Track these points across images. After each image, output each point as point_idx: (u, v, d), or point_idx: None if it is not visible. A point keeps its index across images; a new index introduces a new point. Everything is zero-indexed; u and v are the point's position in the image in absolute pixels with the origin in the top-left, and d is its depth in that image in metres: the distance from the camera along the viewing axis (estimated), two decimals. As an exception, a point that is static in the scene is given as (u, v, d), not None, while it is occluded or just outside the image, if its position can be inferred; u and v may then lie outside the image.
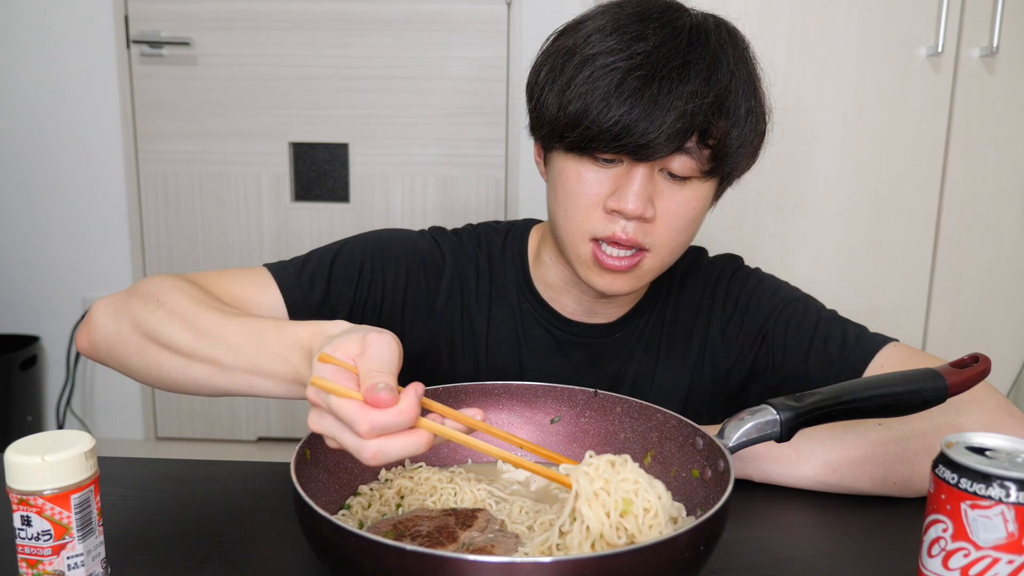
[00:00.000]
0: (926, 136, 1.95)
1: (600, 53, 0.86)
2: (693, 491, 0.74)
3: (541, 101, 0.90)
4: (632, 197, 0.86)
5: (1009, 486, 0.56)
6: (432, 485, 0.77)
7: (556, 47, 0.91)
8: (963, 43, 1.90)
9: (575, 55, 0.87)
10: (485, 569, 0.54)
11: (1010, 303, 2.06)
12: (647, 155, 0.84)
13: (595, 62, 0.85)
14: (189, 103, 2.49)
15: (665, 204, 0.89)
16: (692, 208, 0.90)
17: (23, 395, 2.57)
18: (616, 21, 0.87)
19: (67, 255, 2.60)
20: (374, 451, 0.58)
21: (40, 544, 0.61)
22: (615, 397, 0.83)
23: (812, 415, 0.71)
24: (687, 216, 0.91)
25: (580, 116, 0.85)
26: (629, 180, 0.87)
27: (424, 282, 1.01)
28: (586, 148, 0.87)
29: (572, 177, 0.90)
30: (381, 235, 1.04)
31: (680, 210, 0.90)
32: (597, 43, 0.87)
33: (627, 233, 0.88)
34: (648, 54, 0.84)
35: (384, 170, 2.54)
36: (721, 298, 1.03)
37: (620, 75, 0.83)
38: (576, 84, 0.86)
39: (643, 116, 0.83)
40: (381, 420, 0.58)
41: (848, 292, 2.00)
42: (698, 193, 0.90)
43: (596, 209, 0.89)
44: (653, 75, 0.83)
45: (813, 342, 0.96)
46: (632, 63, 0.84)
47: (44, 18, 2.46)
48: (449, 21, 2.44)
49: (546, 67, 0.90)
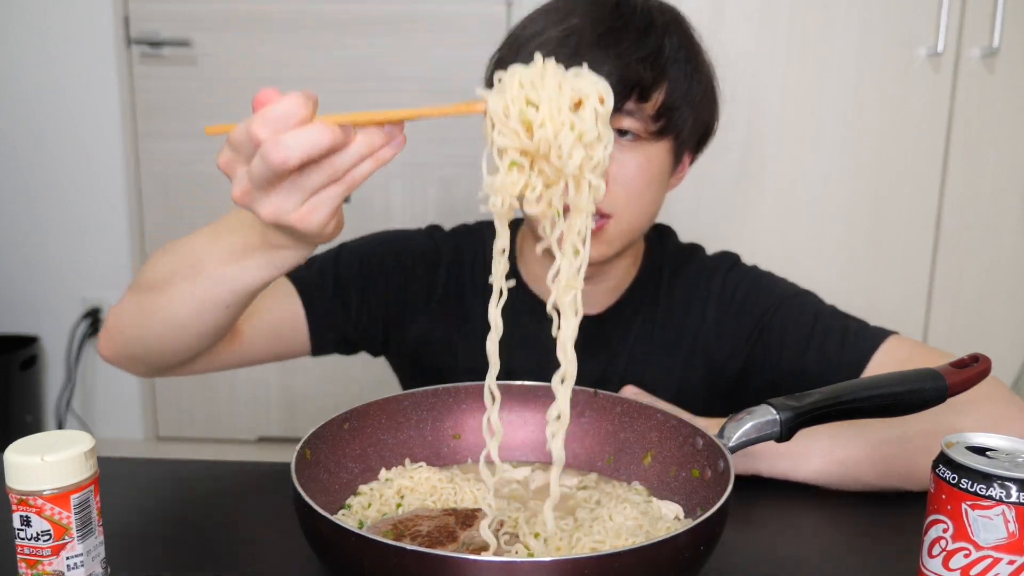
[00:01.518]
0: (926, 136, 1.95)
1: (533, 35, 0.91)
2: (693, 491, 0.74)
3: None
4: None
5: (1010, 486, 0.56)
6: (432, 485, 0.77)
7: (502, 46, 0.98)
8: (963, 43, 1.90)
9: (515, 42, 0.94)
10: (485, 569, 0.54)
11: (1010, 303, 2.06)
12: None
13: (529, 45, 0.90)
14: (189, 103, 2.49)
15: (617, 167, 0.90)
16: (646, 170, 0.92)
17: (23, 395, 2.57)
18: (548, 5, 0.94)
19: (67, 255, 2.60)
20: (275, 146, 0.57)
21: (40, 544, 0.61)
22: (615, 397, 0.83)
23: (812, 415, 0.71)
24: (643, 178, 0.92)
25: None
26: None
27: (422, 276, 1.05)
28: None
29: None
30: (377, 235, 1.09)
31: (634, 172, 0.91)
32: (531, 26, 0.93)
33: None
34: (575, 28, 0.89)
35: (384, 170, 2.52)
36: (717, 292, 1.02)
37: (550, 48, 0.87)
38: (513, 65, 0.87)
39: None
40: (270, 112, 0.57)
41: (848, 292, 1.99)
42: (650, 154, 0.92)
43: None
44: (581, 43, 0.88)
45: (812, 338, 0.95)
46: (560, 35, 0.88)
47: (44, 18, 2.46)
48: (449, 21, 2.44)
49: (494, 59, 0.98)
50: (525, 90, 0.58)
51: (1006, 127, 1.96)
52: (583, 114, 0.58)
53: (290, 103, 0.58)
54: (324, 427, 0.75)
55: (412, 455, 0.82)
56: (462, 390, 0.85)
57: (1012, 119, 1.95)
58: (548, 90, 0.58)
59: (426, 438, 0.84)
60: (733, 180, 1.99)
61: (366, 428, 0.80)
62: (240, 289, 0.75)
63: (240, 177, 0.62)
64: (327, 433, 0.75)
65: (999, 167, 1.98)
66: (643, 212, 0.95)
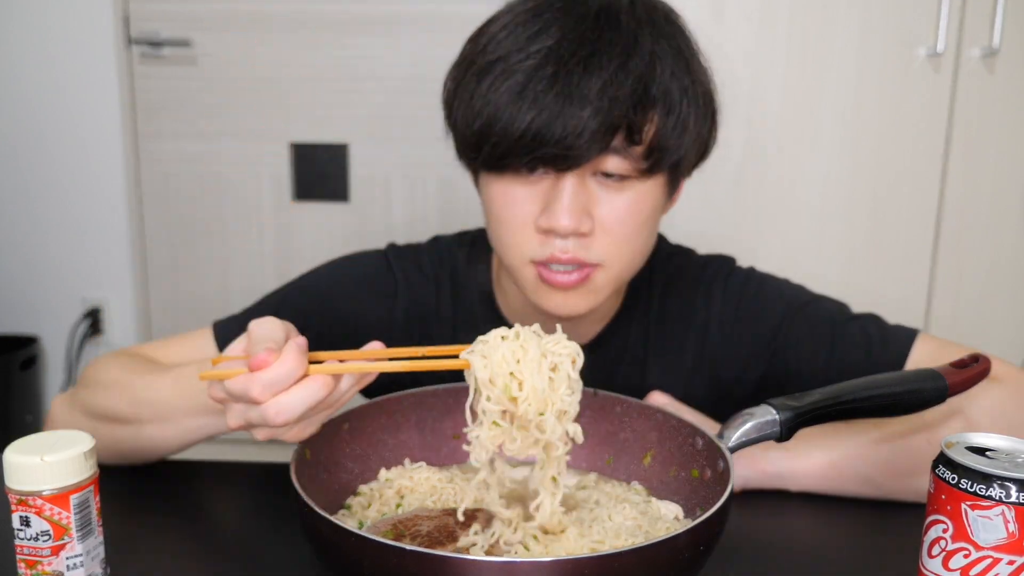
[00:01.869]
0: (926, 136, 1.95)
1: (499, 58, 0.78)
2: (693, 491, 0.74)
3: (453, 118, 0.84)
4: (563, 213, 0.78)
5: (1009, 486, 0.56)
6: (432, 485, 0.77)
7: (461, 57, 0.84)
8: (963, 43, 1.90)
9: (475, 63, 0.81)
10: (485, 569, 0.54)
11: (1010, 303, 2.06)
12: (568, 163, 0.77)
13: (495, 68, 0.78)
14: (189, 103, 2.49)
15: (605, 212, 0.80)
16: (637, 213, 0.82)
17: (23, 395, 2.57)
18: (515, 18, 0.80)
19: (67, 255, 2.60)
20: (275, 410, 0.61)
21: (39, 544, 0.61)
22: (615, 397, 0.83)
23: (812, 415, 0.71)
24: (632, 223, 0.82)
25: (487, 129, 0.78)
26: (558, 194, 0.79)
27: (375, 312, 0.96)
28: (501, 164, 0.79)
29: (499, 199, 0.82)
30: (324, 278, 0.99)
31: (623, 217, 0.81)
32: (496, 46, 0.79)
33: (567, 252, 0.80)
34: (551, 49, 0.76)
35: (384, 170, 2.54)
36: (718, 306, 0.96)
37: (523, 77, 0.76)
38: (478, 95, 0.79)
39: (553, 119, 0.75)
40: (268, 377, 0.61)
41: (848, 292, 1.99)
42: (641, 195, 0.81)
43: (528, 230, 0.81)
44: (558, 71, 0.75)
45: (834, 351, 0.90)
46: (534, 62, 0.76)
47: (44, 18, 2.46)
48: (449, 21, 2.44)
49: (451, 81, 0.84)
50: (508, 365, 0.64)
51: (1006, 127, 1.96)
52: (557, 383, 0.64)
53: (285, 369, 0.61)
54: (324, 427, 0.75)
55: (412, 455, 0.82)
56: (462, 390, 0.84)
57: (1012, 119, 1.95)
58: (530, 364, 0.64)
59: (426, 438, 0.83)
60: (733, 180, 1.99)
61: (366, 428, 0.80)
62: (215, 432, 0.81)
63: (236, 414, 0.65)
64: (327, 433, 0.75)
65: (999, 167, 1.98)
66: (635, 256, 0.86)
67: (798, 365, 0.92)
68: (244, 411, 0.64)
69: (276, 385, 0.61)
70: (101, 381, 0.88)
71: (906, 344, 0.89)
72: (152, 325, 2.65)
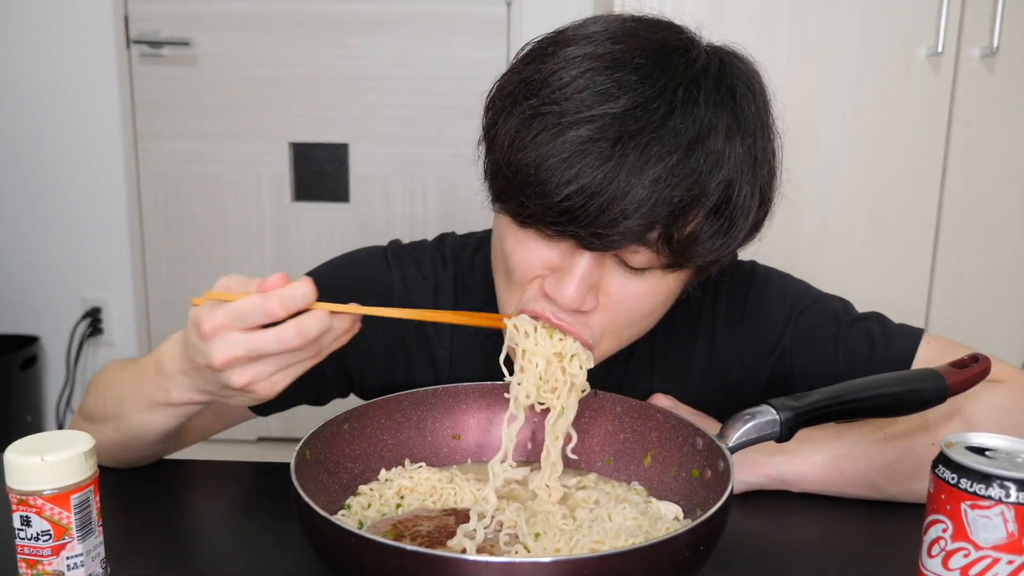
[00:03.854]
0: (926, 136, 1.95)
1: (559, 108, 0.68)
2: (693, 491, 0.74)
3: (490, 151, 0.75)
4: (570, 285, 0.72)
5: (1009, 486, 0.56)
6: (432, 485, 0.77)
7: (516, 81, 0.73)
8: (963, 43, 1.90)
9: (529, 99, 0.70)
10: (485, 569, 0.54)
11: (1010, 303, 2.06)
12: (596, 247, 0.70)
13: (548, 118, 0.69)
14: (189, 103, 2.49)
15: (614, 293, 0.74)
16: (647, 303, 0.75)
17: (23, 395, 2.57)
18: (589, 66, 0.69)
19: (67, 255, 2.60)
20: (296, 329, 0.62)
21: (39, 544, 0.61)
22: (615, 397, 0.83)
23: (812, 415, 0.71)
24: (639, 311, 0.76)
25: (521, 186, 0.70)
26: (571, 265, 0.72)
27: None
28: (526, 222, 0.72)
29: (510, 240, 0.75)
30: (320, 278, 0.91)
31: (631, 303, 0.75)
32: (558, 92, 0.69)
33: (560, 321, 0.74)
34: (615, 118, 0.67)
35: (384, 170, 2.54)
36: (724, 309, 0.93)
37: (575, 140, 0.67)
38: (526, 142, 0.69)
39: (593, 197, 0.67)
40: (287, 292, 0.62)
41: (848, 292, 1.99)
42: (657, 286, 0.75)
43: (531, 282, 0.76)
44: (615, 148, 0.66)
45: (839, 351, 0.89)
46: (592, 128, 0.67)
47: (44, 18, 2.46)
48: (449, 21, 2.44)
49: (499, 109, 0.74)
50: (540, 386, 0.76)
51: (1006, 127, 1.95)
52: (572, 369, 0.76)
53: (304, 289, 0.63)
54: (324, 427, 0.75)
55: (412, 455, 0.82)
56: (462, 390, 0.85)
57: (1012, 119, 1.95)
58: (559, 385, 0.77)
59: (426, 438, 0.83)
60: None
61: (366, 428, 0.80)
62: (161, 428, 0.80)
63: (231, 344, 0.63)
64: (327, 433, 0.75)
65: (999, 167, 1.98)
66: (632, 338, 0.80)
67: (803, 365, 0.91)
68: (243, 340, 0.63)
69: (294, 301, 0.62)
70: (100, 380, 0.89)
71: (911, 344, 0.89)
72: (152, 325, 2.65)
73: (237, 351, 0.63)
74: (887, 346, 0.89)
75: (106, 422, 0.84)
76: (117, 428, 0.82)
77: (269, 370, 0.65)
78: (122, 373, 0.86)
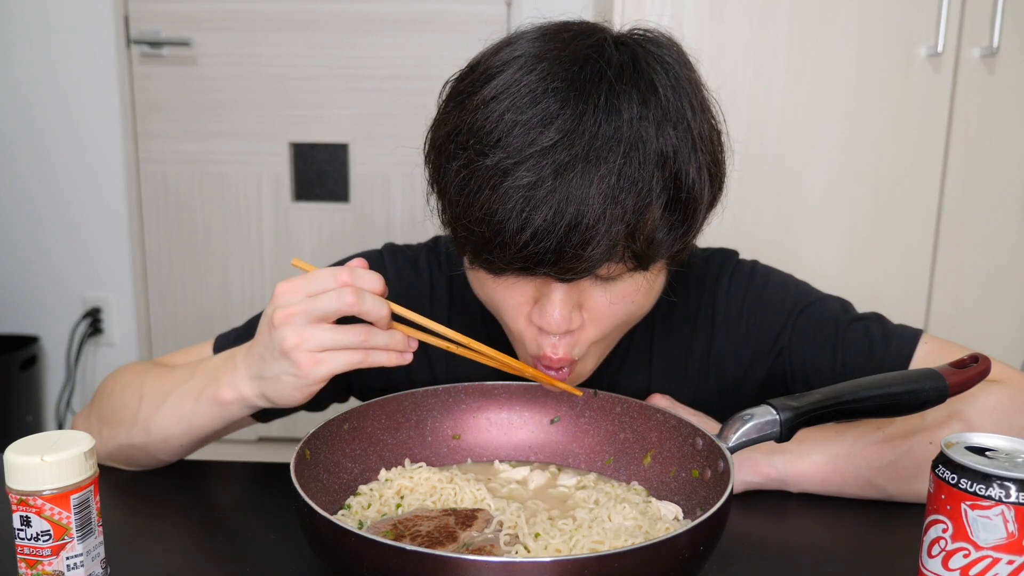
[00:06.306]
0: (926, 136, 1.95)
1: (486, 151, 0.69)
2: (693, 491, 0.74)
3: (443, 194, 0.77)
4: (555, 313, 0.75)
5: (1009, 486, 0.56)
6: (432, 485, 0.77)
7: (446, 129, 0.75)
8: (963, 43, 1.90)
9: (462, 147, 0.72)
10: (485, 569, 0.54)
11: (1010, 303, 2.06)
12: (569, 279, 0.72)
13: (482, 167, 0.69)
14: (189, 103, 2.49)
15: (596, 307, 0.77)
16: (630, 303, 0.78)
17: (23, 395, 2.57)
18: (511, 94, 0.70)
19: (67, 255, 2.60)
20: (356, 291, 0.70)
21: (39, 544, 0.61)
22: (615, 397, 0.83)
23: (812, 415, 0.71)
24: (623, 314, 0.79)
25: (479, 240, 0.71)
26: (549, 293, 0.75)
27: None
28: (498, 273, 0.75)
29: (488, 285, 0.79)
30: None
31: (614, 311, 0.78)
32: (486, 131, 0.70)
33: (557, 352, 0.77)
34: (547, 151, 0.68)
35: (384, 170, 2.54)
36: (723, 305, 0.94)
37: (518, 188, 0.67)
38: (467, 195, 0.71)
39: (549, 238, 0.68)
40: (360, 272, 0.71)
41: (848, 292, 1.99)
42: (632, 286, 0.77)
43: (522, 320, 0.78)
44: (556, 181, 0.67)
45: (837, 352, 0.90)
46: (529, 168, 0.68)
47: (44, 18, 2.46)
48: (449, 21, 2.44)
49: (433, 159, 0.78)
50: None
51: (1006, 127, 1.95)
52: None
53: (378, 277, 0.72)
54: (324, 427, 0.75)
55: (412, 455, 0.82)
56: (462, 390, 0.85)
57: (1012, 119, 1.95)
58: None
59: (426, 438, 0.84)
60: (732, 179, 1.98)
61: (366, 428, 0.80)
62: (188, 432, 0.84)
63: (295, 300, 0.71)
64: (327, 433, 0.75)
65: (999, 167, 1.98)
66: (624, 330, 0.84)
67: (802, 365, 0.91)
68: (306, 300, 0.71)
69: (364, 283, 0.71)
70: (118, 382, 0.91)
71: (910, 344, 0.89)
72: (152, 325, 2.65)
73: (297, 307, 0.70)
74: (886, 346, 0.89)
75: (126, 424, 0.85)
76: (145, 429, 0.84)
77: (316, 340, 0.70)
78: (150, 376, 0.87)
